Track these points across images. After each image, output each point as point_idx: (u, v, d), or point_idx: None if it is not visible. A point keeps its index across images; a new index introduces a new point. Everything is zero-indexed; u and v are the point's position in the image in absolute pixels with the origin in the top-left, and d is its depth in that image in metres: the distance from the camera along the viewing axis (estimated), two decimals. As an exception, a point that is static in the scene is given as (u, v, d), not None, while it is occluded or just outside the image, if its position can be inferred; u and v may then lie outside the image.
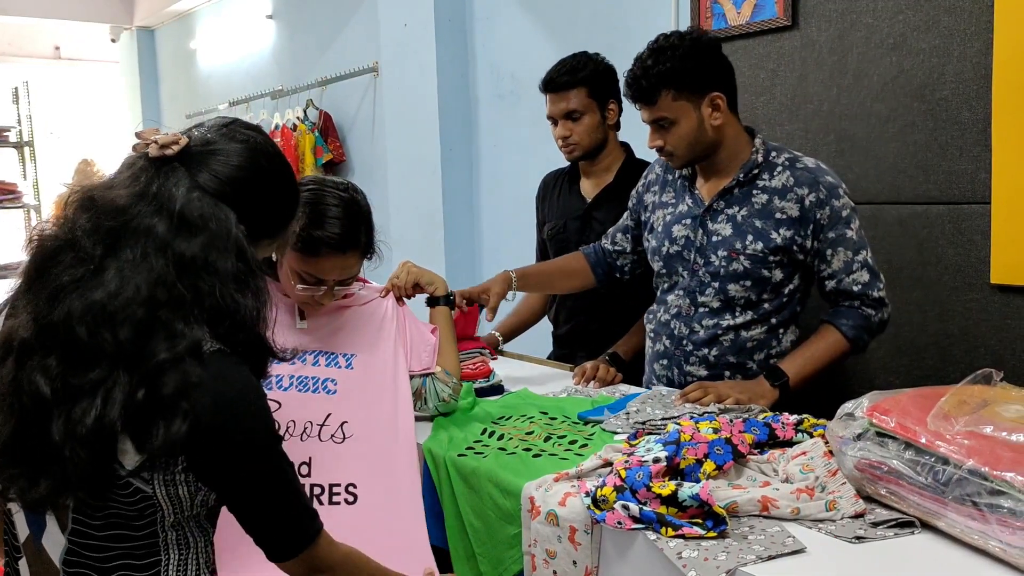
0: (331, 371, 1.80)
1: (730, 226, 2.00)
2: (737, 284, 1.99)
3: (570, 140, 2.44)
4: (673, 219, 2.10)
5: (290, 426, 1.74)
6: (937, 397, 1.35)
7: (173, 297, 1.11)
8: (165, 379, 1.08)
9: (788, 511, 1.32)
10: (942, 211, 2.31)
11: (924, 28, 2.32)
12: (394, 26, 4.15)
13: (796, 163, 1.98)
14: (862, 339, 1.96)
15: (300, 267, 1.72)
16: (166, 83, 7.25)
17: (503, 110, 3.89)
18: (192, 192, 1.15)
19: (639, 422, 1.77)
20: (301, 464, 1.72)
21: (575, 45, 2.62)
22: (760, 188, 1.98)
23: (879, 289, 1.96)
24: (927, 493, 1.26)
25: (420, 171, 4.10)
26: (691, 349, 2.05)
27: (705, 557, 1.21)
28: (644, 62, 1.95)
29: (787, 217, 1.95)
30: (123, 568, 1.19)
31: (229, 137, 1.22)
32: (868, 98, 2.45)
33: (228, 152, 1.20)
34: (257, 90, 5.68)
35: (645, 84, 1.94)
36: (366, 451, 1.77)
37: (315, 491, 1.73)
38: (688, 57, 1.93)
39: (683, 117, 1.95)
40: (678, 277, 2.09)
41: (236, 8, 6.01)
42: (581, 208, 2.52)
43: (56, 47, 8.04)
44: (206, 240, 1.13)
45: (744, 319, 2.01)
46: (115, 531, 1.18)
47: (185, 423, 1.07)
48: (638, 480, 1.36)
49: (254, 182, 1.21)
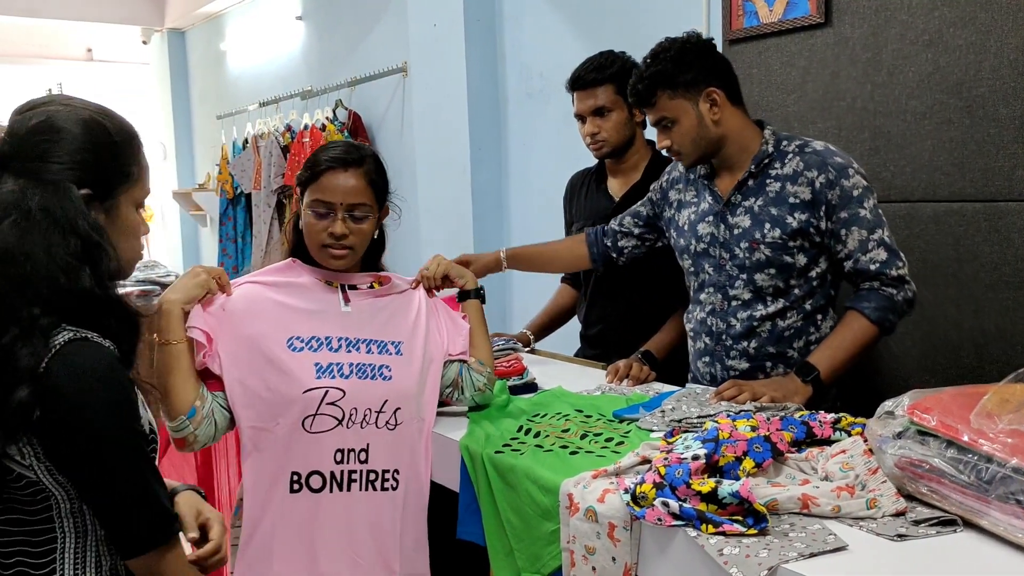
0: (384, 358, 1.82)
1: (748, 217, 2.04)
2: (762, 273, 2.03)
3: (598, 136, 2.45)
4: (697, 217, 2.14)
5: (352, 413, 1.75)
6: (978, 395, 1.34)
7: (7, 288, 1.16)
8: (9, 366, 1.13)
9: (829, 509, 1.32)
10: (978, 208, 2.29)
11: (960, 24, 2.30)
12: (423, 26, 4.16)
13: (805, 148, 2.02)
14: (887, 320, 1.95)
15: (310, 199, 1.80)
16: (196, 84, 7.32)
17: (532, 109, 3.90)
18: (5, 184, 1.19)
19: (675, 420, 1.77)
20: (360, 451, 1.76)
21: (604, 44, 2.62)
22: (773, 176, 2.02)
23: (898, 267, 1.95)
24: (970, 491, 1.25)
25: (449, 171, 4.11)
26: (730, 344, 2.08)
27: (746, 554, 1.22)
28: (645, 67, 2.05)
29: (800, 201, 1.98)
30: (20, 555, 1.23)
31: (24, 121, 1.23)
32: (903, 95, 2.43)
33: (24, 133, 1.22)
34: (287, 91, 5.72)
35: (642, 88, 2.05)
36: (410, 437, 1.82)
37: (370, 477, 1.77)
38: (679, 58, 2.02)
39: (683, 115, 2.03)
40: (705, 274, 2.13)
41: (266, 9, 6.06)
42: (609, 207, 2.53)
43: (88, 49, 8.14)
44: (16, 219, 1.17)
45: (777, 307, 2.03)
46: (12, 515, 1.22)
47: (26, 390, 1.12)
48: (678, 477, 1.36)
49: (59, 144, 1.22)
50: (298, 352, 1.74)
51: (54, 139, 1.22)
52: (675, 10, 3.17)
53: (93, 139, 1.25)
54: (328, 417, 1.73)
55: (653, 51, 2.06)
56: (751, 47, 2.80)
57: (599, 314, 2.59)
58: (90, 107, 1.28)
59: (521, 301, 4.04)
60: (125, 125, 1.31)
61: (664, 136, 2.07)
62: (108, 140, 1.27)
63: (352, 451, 1.75)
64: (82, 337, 1.19)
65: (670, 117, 2.04)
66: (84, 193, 1.22)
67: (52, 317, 1.17)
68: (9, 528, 1.22)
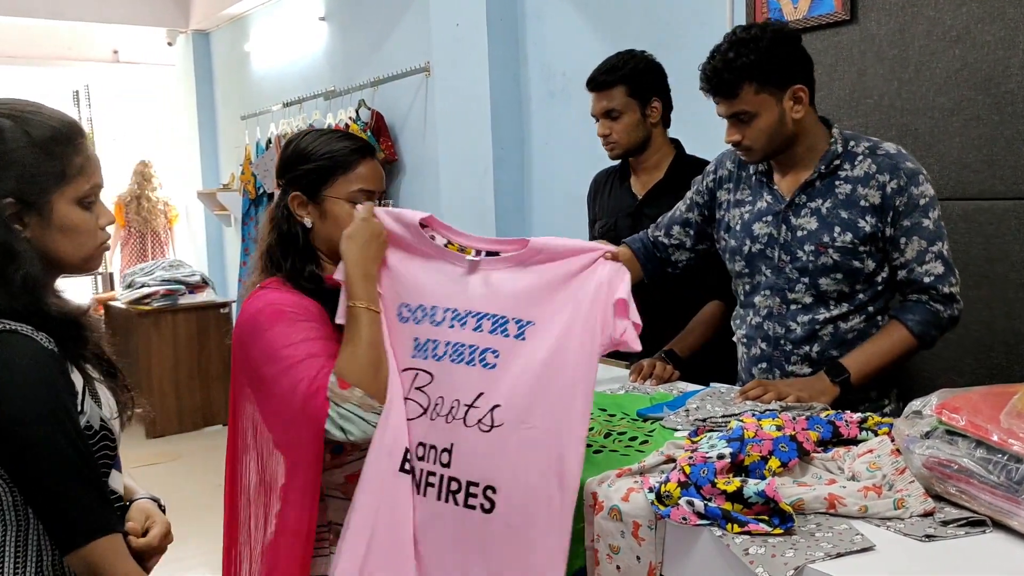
0: (495, 339, 1.50)
1: (815, 219, 1.95)
2: (828, 278, 1.95)
3: (609, 139, 2.45)
4: (752, 217, 2.05)
5: (437, 403, 1.51)
6: (1008, 395, 1.32)
7: None
8: None
9: (856, 509, 1.31)
10: (1008, 206, 2.27)
11: (989, 19, 2.27)
12: (446, 26, 4.17)
13: (877, 150, 1.94)
14: (929, 335, 1.91)
15: (347, 188, 1.64)
16: (221, 85, 7.38)
17: (554, 108, 3.89)
18: None
19: (700, 419, 1.76)
20: (443, 451, 1.49)
21: (627, 43, 2.62)
22: (842, 178, 1.94)
23: (951, 284, 1.90)
24: (999, 492, 1.23)
25: (472, 170, 4.12)
26: (791, 348, 2.01)
27: (773, 554, 1.21)
28: (725, 55, 1.89)
29: (870, 205, 1.91)
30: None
31: None
32: (931, 91, 2.41)
33: None
34: (310, 91, 5.74)
35: (727, 77, 1.88)
36: (515, 448, 1.45)
37: (451, 487, 1.48)
38: (771, 49, 1.88)
39: (764, 111, 1.90)
40: (761, 276, 2.05)
41: (289, 10, 6.09)
42: (632, 205, 2.52)
43: (114, 51, 8.22)
44: None
45: (840, 311, 1.96)
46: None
47: None
48: (703, 476, 1.36)
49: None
50: (403, 323, 1.57)
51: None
52: (698, 8, 3.16)
53: (11, 147, 1.25)
54: (414, 404, 1.52)
55: (738, 38, 1.89)
56: (776, 44, 2.78)
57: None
58: (10, 111, 1.28)
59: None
60: (50, 124, 1.30)
61: (736, 131, 1.94)
62: (27, 144, 1.27)
63: (434, 448, 1.49)
64: (10, 329, 1.22)
65: (751, 111, 1.90)
66: (7, 202, 1.24)
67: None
68: None
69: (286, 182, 1.66)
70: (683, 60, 2.52)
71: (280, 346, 1.51)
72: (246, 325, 1.57)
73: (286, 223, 1.65)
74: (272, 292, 1.60)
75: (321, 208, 1.64)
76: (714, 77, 1.91)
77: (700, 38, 3.14)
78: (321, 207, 1.63)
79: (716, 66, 1.90)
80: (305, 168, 1.64)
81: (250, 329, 1.56)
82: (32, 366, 1.21)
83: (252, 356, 1.55)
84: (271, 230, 1.66)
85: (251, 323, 1.56)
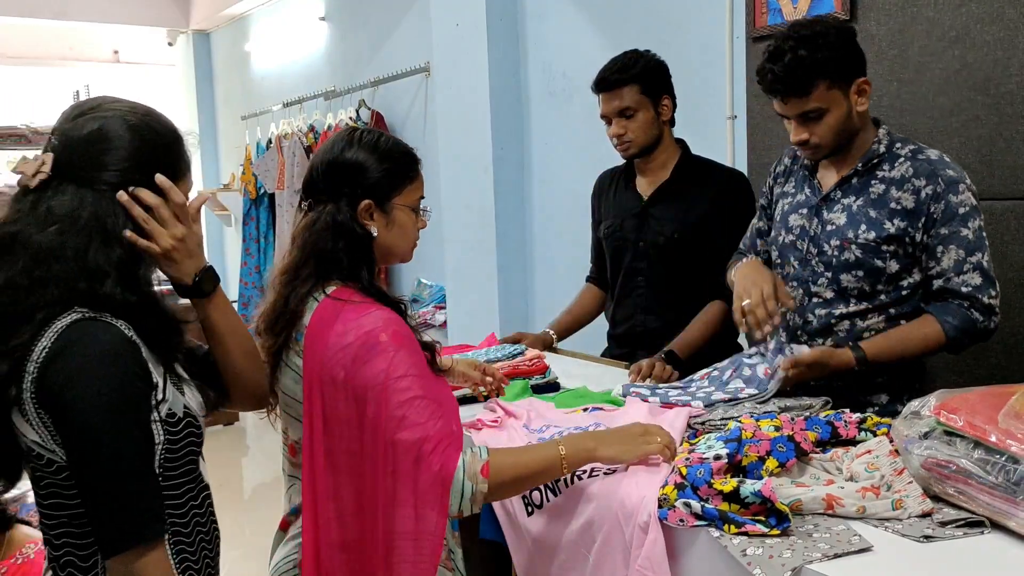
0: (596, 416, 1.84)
1: (845, 215, 1.94)
2: (849, 274, 1.93)
3: (625, 138, 2.44)
4: (791, 208, 2.06)
5: None
6: (1006, 395, 1.33)
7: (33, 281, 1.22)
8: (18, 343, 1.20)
9: (854, 509, 1.31)
10: (1007, 206, 2.27)
11: (988, 20, 2.27)
12: (446, 26, 4.17)
13: (919, 154, 1.91)
14: (960, 341, 1.86)
15: (414, 198, 1.61)
16: (221, 85, 7.39)
17: (555, 108, 3.89)
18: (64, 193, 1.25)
19: (698, 422, 1.76)
20: None
21: (627, 42, 2.61)
22: (879, 178, 1.92)
23: (991, 296, 1.84)
24: (997, 492, 1.24)
25: (472, 170, 4.12)
26: (805, 340, 1.99)
27: (770, 555, 1.21)
28: (796, 53, 1.82)
29: (902, 208, 1.87)
30: (66, 535, 1.25)
31: (77, 128, 1.28)
32: (930, 92, 2.41)
33: (79, 141, 1.27)
34: (310, 91, 5.75)
35: (801, 75, 1.83)
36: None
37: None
38: (840, 44, 1.84)
39: (835, 106, 1.86)
40: (790, 268, 2.05)
41: (289, 10, 6.10)
42: (638, 206, 2.52)
43: (115, 51, 8.24)
44: (61, 227, 1.23)
45: (858, 308, 1.94)
46: (53, 500, 1.23)
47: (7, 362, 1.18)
48: (699, 477, 1.36)
49: (114, 152, 1.28)
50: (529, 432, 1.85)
51: (107, 147, 1.27)
52: (699, 7, 3.16)
53: (143, 144, 1.30)
54: None
55: (803, 35, 1.84)
56: (775, 45, 2.78)
57: (625, 313, 2.59)
58: (138, 110, 1.32)
59: (543, 301, 4.04)
60: (170, 125, 1.36)
61: (804, 129, 1.88)
62: (157, 143, 1.32)
63: None
64: (89, 317, 1.21)
65: (823, 108, 1.85)
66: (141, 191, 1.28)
67: (56, 309, 1.22)
68: (53, 513, 1.24)
69: (350, 190, 1.56)
70: (683, 60, 2.52)
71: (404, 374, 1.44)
72: (360, 340, 1.45)
73: (356, 230, 1.55)
74: (374, 308, 1.49)
75: (389, 216, 1.58)
76: (787, 77, 1.84)
77: (700, 38, 3.15)
78: (389, 215, 1.58)
79: (789, 65, 1.83)
80: (375, 177, 1.56)
81: (368, 348, 1.44)
82: (106, 355, 1.19)
83: (369, 375, 1.42)
84: (331, 236, 1.54)
85: (371, 342, 1.44)
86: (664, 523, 1.35)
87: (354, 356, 1.42)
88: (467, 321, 4.26)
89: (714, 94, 3.09)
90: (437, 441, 1.39)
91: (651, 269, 2.47)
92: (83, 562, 1.25)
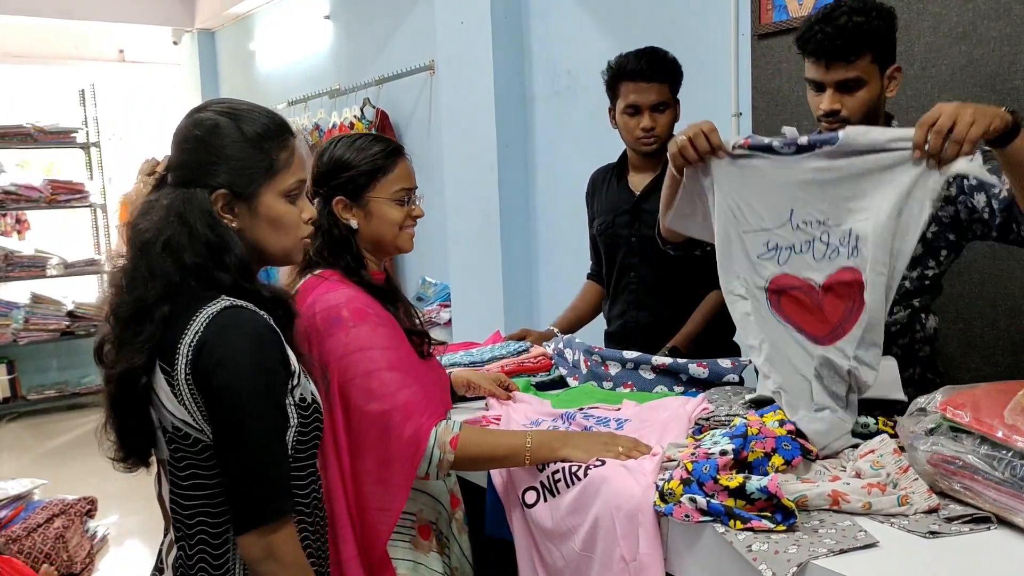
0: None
1: None
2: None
3: (653, 132, 2.42)
4: None
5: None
6: (1012, 392, 1.32)
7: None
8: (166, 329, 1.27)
9: (859, 505, 1.31)
10: (1013, 203, 2.26)
11: (995, 16, 2.26)
12: (450, 24, 4.17)
13: None
14: None
15: (395, 188, 1.73)
16: (226, 84, 7.39)
17: (559, 107, 3.89)
18: (172, 192, 1.34)
19: (702, 418, 1.76)
20: None
21: (631, 41, 2.61)
22: None
23: None
24: (1004, 488, 1.23)
25: (476, 168, 4.11)
26: None
27: (775, 550, 1.21)
28: (851, 17, 1.78)
29: None
30: (201, 514, 1.29)
31: (180, 131, 1.39)
32: (936, 88, 2.40)
33: (178, 144, 1.38)
34: (315, 89, 5.75)
35: (852, 40, 1.78)
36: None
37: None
38: (888, 24, 1.83)
39: (872, 82, 1.82)
40: None
41: (294, 9, 6.10)
42: (630, 202, 2.51)
43: (120, 50, 8.24)
44: (177, 224, 1.31)
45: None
46: (194, 480, 1.28)
47: (157, 328, 1.26)
48: (705, 473, 1.35)
49: (200, 153, 1.34)
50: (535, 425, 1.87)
51: (196, 147, 1.34)
52: (703, 4, 3.15)
53: (226, 142, 1.34)
54: None
55: (859, 5, 1.79)
56: (780, 42, 2.78)
57: (618, 310, 2.59)
58: (225, 109, 1.37)
59: (548, 299, 4.04)
60: (262, 121, 1.37)
61: (837, 99, 1.82)
62: (240, 140, 1.34)
63: None
64: (238, 305, 1.28)
65: (863, 79, 1.80)
66: (220, 193, 1.32)
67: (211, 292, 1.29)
68: (192, 493, 1.29)
69: (327, 190, 1.72)
70: (688, 57, 2.51)
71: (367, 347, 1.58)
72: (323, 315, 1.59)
73: (334, 227, 1.71)
74: (344, 287, 1.64)
75: (366, 209, 1.71)
76: (838, 37, 1.78)
77: (705, 35, 3.14)
78: (366, 208, 1.71)
79: (843, 27, 1.78)
80: (347, 176, 1.71)
81: (330, 321, 1.59)
82: (256, 340, 1.27)
83: (330, 348, 1.57)
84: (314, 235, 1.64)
85: (332, 316, 1.59)
86: (670, 518, 1.35)
87: (317, 328, 1.57)
88: (472, 319, 4.26)
89: (719, 91, 3.08)
90: (408, 411, 1.53)
91: (643, 264, 2.46)
92: (215, 539, 1.29)
